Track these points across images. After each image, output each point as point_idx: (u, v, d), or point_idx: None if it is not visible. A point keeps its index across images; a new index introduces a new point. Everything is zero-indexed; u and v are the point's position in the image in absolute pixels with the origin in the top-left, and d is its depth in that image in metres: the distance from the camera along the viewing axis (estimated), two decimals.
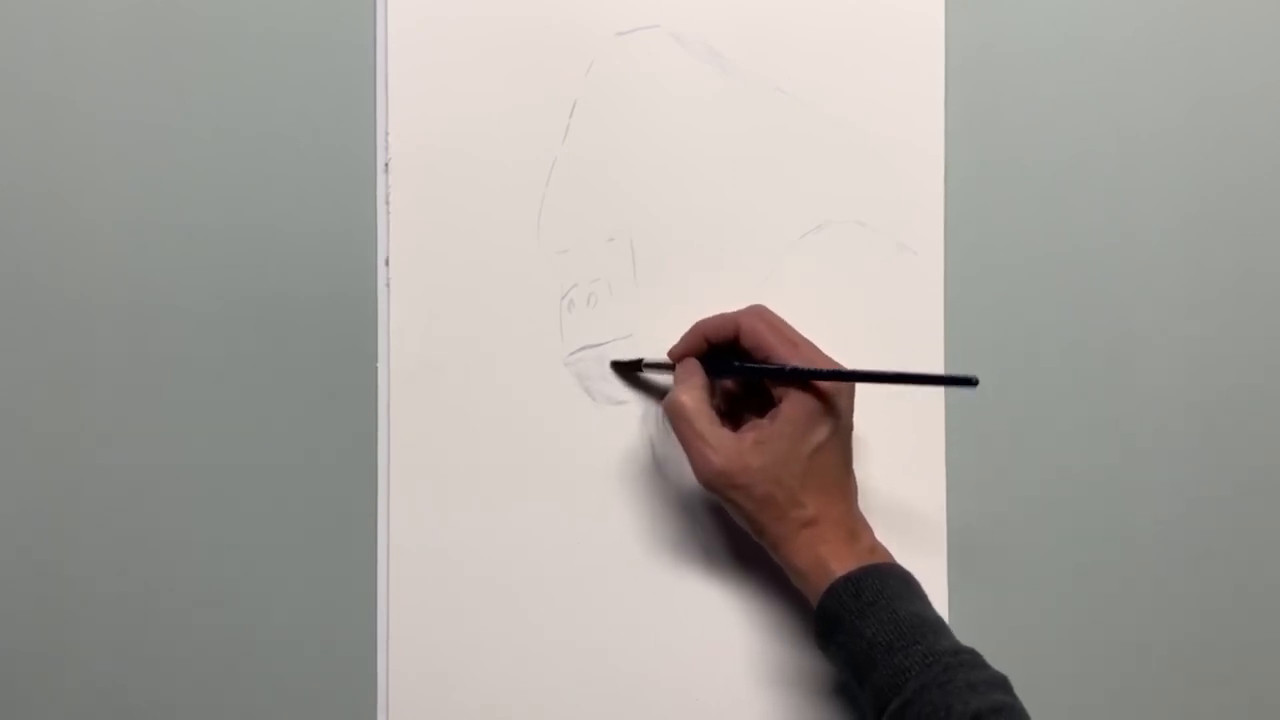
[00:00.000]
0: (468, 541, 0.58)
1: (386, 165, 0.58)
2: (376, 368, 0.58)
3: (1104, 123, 0.62)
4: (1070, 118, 0.62)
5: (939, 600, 0.59)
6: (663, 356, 0.59)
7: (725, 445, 0.54)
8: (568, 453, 0.59)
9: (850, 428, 0.56)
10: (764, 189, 0.60)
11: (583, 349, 0.59)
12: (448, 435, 0.58)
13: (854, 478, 0.57)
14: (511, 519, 0.59)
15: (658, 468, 0.59)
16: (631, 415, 0.59)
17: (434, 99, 0.58)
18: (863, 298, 0.61)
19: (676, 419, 0.55)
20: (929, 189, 0.61)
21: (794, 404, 0.54)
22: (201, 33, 0.58)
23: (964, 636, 0.53)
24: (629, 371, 0.59)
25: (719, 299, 0.60)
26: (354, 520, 0.58)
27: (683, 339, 0.58)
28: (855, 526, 0.55)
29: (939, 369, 0.61)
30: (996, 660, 0.51)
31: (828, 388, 0.55)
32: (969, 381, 0.52)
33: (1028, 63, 0.61)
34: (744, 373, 0.57)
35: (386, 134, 0.58)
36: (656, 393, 0.59)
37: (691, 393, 0.55)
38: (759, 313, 0.57)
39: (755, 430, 0.55)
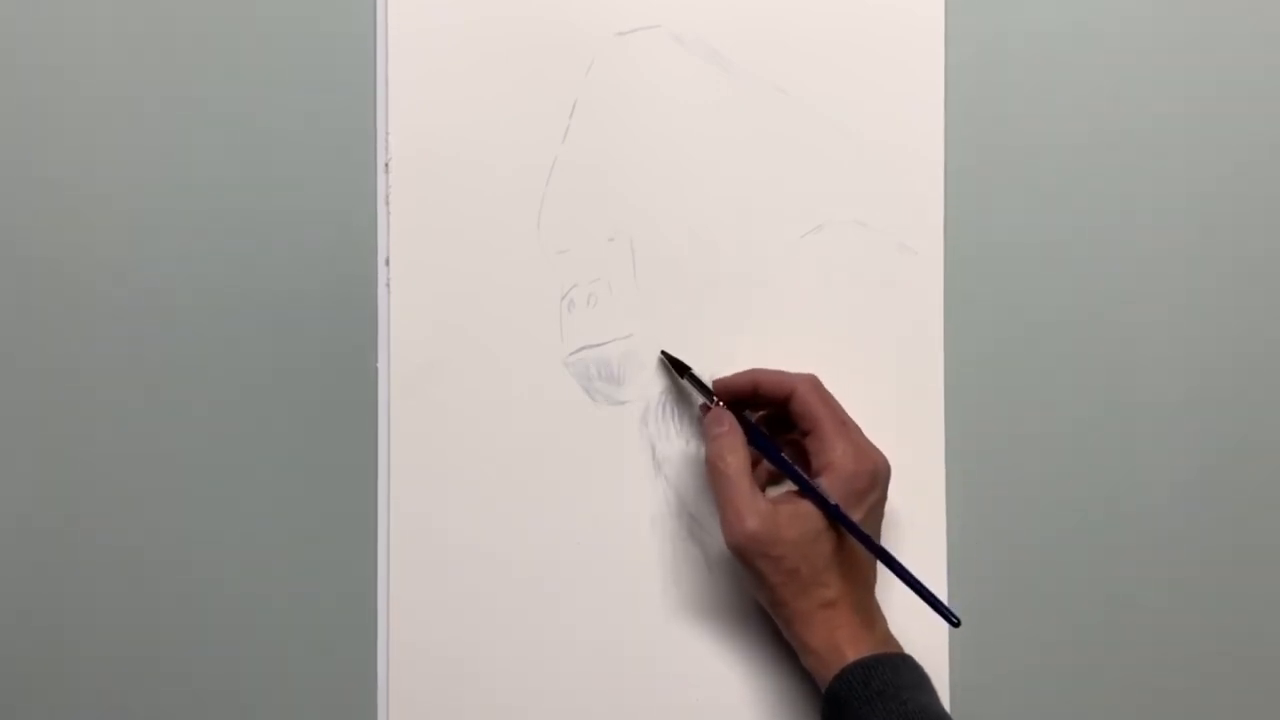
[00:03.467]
0: (468, 541, 0.58)
1: (386, 165, 0.58)
2: (376, 368, 0.58)
3: (1104, 122, 0.62)
4: (1070, 117, 0.62)
5: (939, 616, 0.59)
6: (688, 362, 0.58)
7: (762, 513, 0.54)
8: (567, 453, 0.59)
9: (882, 514, 0.56)
10: (764, 189, 0.60)
11: (583, 349, 0.59)
12: (448, 435, 0.58)
13: (875, 565, 0.57)
14: (511, 519, 0.59)
15: (657, 468, 0.59)
16: (631, 415, 0.59)
17: (434, 99, 0.58)
18: (863, 298, 0.61)
19: (718, 479, 0.55)
20: (929, 189, 0.61)
21: (834, 483, 0.54)
22: (202, 33, 0.58)
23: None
24: (674, 369, 0.59)
25: (719, 299, 0.60)
26: (354, 520, 0.58)
27: (736, 376, 0.58)
28: (873, 614, 0.55)
29: (939, 369, 0.61)
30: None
31: (870, 468, 0.55)
32: (952, 621, 0.53)
33: (1028, 63, 0.61)
34: (781, 465, 0.56)
35: (386, 134, 0.58)
36: (655, 392, 0.59)
37: (736, 454, 0.55)
38: (814, 384, 0.56)
39: (792, 504, 0.55)
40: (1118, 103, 0.62)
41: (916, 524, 0.60)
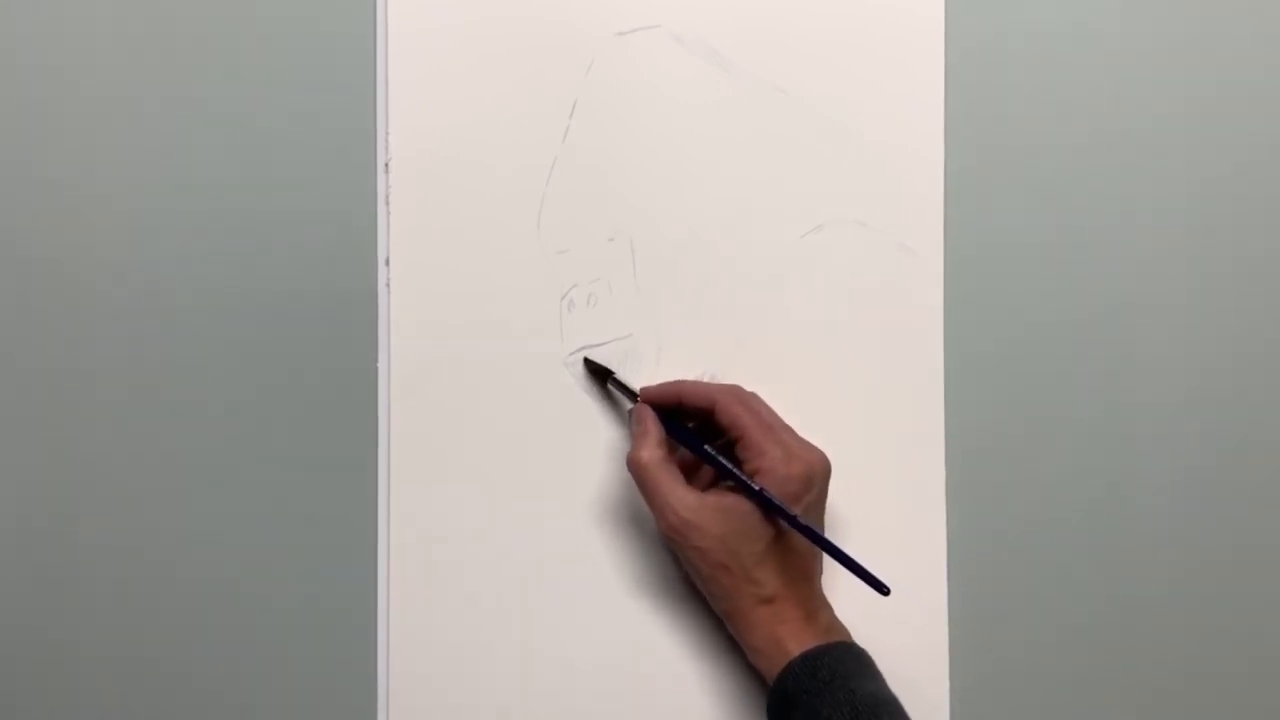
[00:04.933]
0: (468, 541, 0.58)
1: (386, 165, 0.58)
2: (376, 368, 0.58)
3: (1105, 122, 0.62)
4: (1071, 117, 0.62)
5: (938, 617, 0.60)
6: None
7: (686, 503, 0.54)
8: (567, 453, 0.59)
9: (823, 510, 0.56)
10: (764, 189, 0.60)
11: (583, 349, 0.59)
12: (448, 435, 0.58)
13: (820, 558, 0.56)
14: (511, 519, 0.59)
15: None
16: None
17: (434, 99, 0.58)
18: (863, 298, 0.61)
19: (638, 477, 0.55)
20: (929, 189, 0.61)
21: (768, 482, 0.54)
22: (202, 33, 0.58)
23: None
24: (597, 375, 0.59)
25: (719, 299, 0.60)
26: (354, 520, 0.58)
27: (660, 386, 0.58)
28: (814, 606, 0.55)
29: (939, 369, 0.61)
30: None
31: (803, 470, 0.54)
32: (881, 589, 0.53)
33: (1028, 62, 0.61)
34: (709, 461, 0.56)
35: (386, 134, 0.58)
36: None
37: (650, 450, 0.55)
38: (736, 394, 0.56)
39: (720, 496, 0.55)
40: (1118, 103, 0.62)
41: (916, 524, 0.60)
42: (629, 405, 0.58)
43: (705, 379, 0.59)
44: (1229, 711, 0.62)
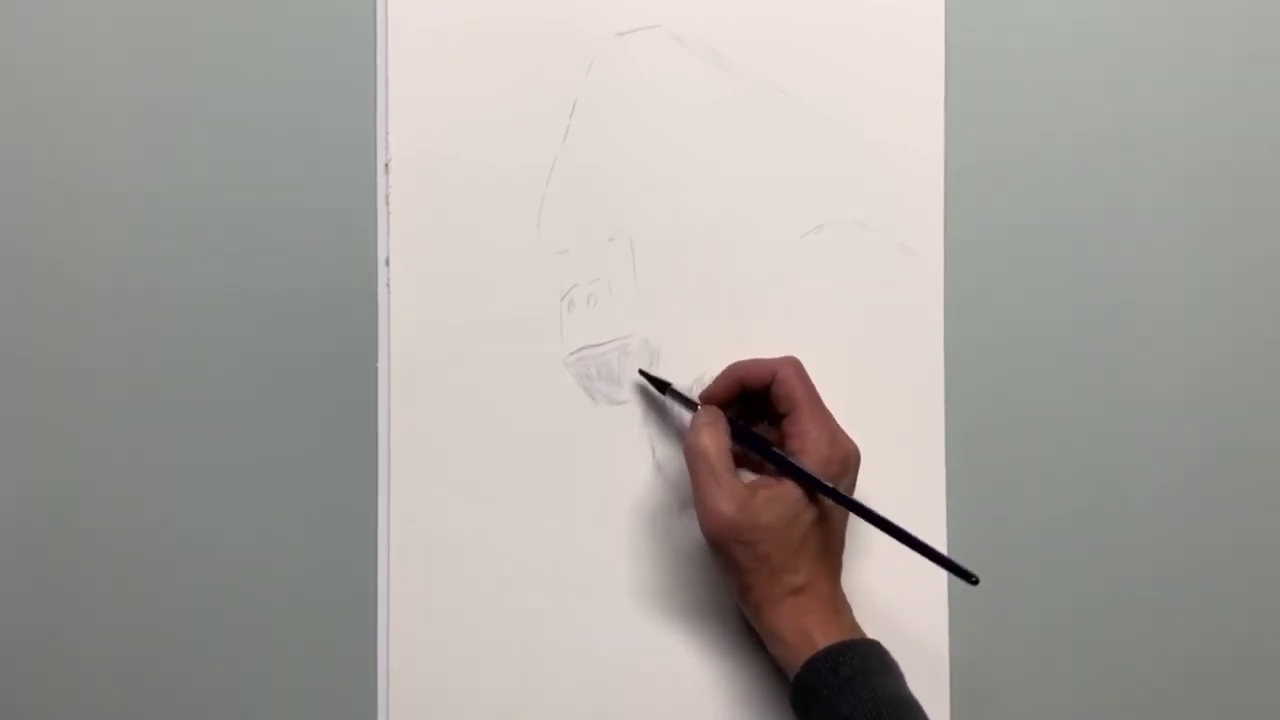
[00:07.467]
0: (467, 541, 0.58)
1: (386, 165, 0.58)
2: (376, 368, 0.58)
3: (1105, 122, 0.62)
4: (1071, 117, 0.62)
5: (938, 617, 0.60)
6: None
7: (739, 497, 0.54)
8: (567, 453, 0.59)
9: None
10: (764, 189, 0.60)
11: (583, 349, 0.59)
12: (448, 435, 0.58)
13: (841, 556, 0.57)
14: (511, 519, 0.59)
15: (657, 468, 0.59)
16: (631, 415, 0.59)
17: (434, 99, 0.58)
18: (863, 298, 0.61)
19: (698, 463, 0.55)
20: (929, 189, 0.61)
21: (807, 461, 0.54)
22: (202, 33, 0.58)
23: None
24: (655, 386, 0.59)
25: (719, 299, 0.60)
26: (354, 520, 0.58)
27: (717, 381, 0.58)
28: (839, 602, 0.56)
29: (939, 369, 0.61)
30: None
31: (842, 457, 0.55)
32: (969, 579, 0.53)
33: (1028, 62, 0.61)
34: (768, 455, 0.56)
35: (387, 134, 0.58)
36: (655, 392, 0.59)
37: (716, 440, 0.55)
38: (795, 367, 0.57)
39: (766, 487, 0.55)
40: (1118, 102, 0.62)
41: (917, 523, 0.60)
42: (689, 415, 0.58)
43: (706, 379, 0.59)
44: (1229, 711, 0.62)
